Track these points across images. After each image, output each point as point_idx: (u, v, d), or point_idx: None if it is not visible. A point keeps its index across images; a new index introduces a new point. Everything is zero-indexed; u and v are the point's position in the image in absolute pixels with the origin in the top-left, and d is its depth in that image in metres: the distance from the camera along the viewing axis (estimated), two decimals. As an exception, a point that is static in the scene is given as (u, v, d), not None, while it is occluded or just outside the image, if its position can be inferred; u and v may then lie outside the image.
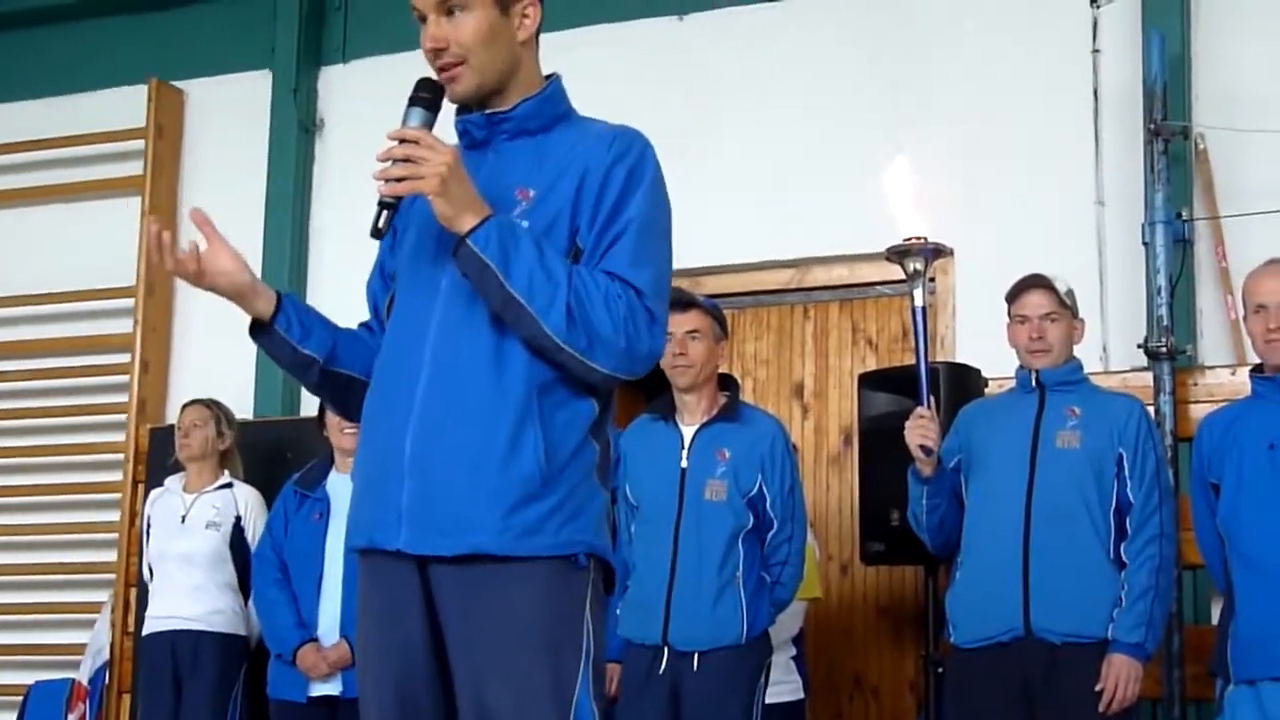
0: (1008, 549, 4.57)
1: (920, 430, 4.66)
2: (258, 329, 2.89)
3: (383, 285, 3.00)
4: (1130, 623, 4.46)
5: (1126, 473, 4.57)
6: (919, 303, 4.61)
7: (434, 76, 2.80)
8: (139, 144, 7.69)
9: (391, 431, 2.74)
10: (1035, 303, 4.74)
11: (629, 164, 2.77)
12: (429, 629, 2.74)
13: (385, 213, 2.69)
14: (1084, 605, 4.50)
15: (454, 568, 2.68)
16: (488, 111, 2.84)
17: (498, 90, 2.82)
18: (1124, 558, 4.53)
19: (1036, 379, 4.73)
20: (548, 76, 2.90)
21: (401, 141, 2.66)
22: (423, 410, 2.71)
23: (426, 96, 2.75)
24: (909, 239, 4.57)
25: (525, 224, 2.71)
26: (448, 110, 2.84)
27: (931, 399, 4.70)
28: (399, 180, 2.65)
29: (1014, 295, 4.79)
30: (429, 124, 2.73)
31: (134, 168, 7.71)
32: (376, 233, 2.71)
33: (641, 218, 2.76)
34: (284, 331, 2.88)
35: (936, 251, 4.62)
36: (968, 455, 4.77)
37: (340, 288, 7.19)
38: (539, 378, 2.70)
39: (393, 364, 2.81)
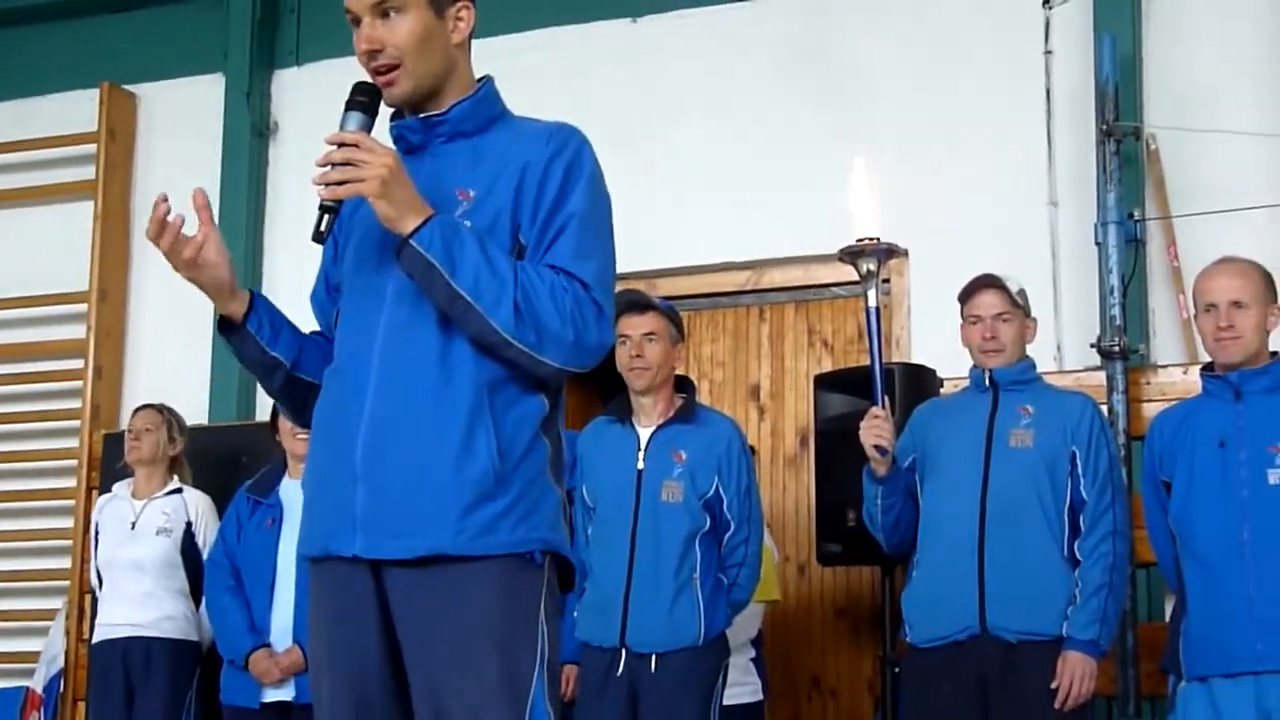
0: (963, 548, 4.58)
1: (875, 430, 4.67)
2: (228, 327, 2.89)
3: (329, 298, 3.00)
4: (1084, 620, 4.48)
5: (1080, 470, 4.59)
6: (872, 303, 4.62)
7: (369, 80, 2.81)
8: (91, 148, 7.65)
9: (342, 438, 2.74)
10: (988, 303, 4.76)
11: (566, 159, 2.78)
12: (383, 633, 2.73)
13: (326, 217, 2.70)
14: (1039, 603, 4.52)
15: (409, 570, 2.68)
16: (423, 115, 2.85)
17: (433, 93, 2.83)
18: (1078, 555, 4.55)
19: (990, 378, 4.75)
20: (480, 79, 2.90)
21: (340, 145, 2.67)
22: (373, 415, 2.71)
23: (364, 100, 2.75)
24: (862, 240, 4.58)
25: (468, 224, 2.71)
26: (385, 114, 2.84)
27: (886, 399, 4.71)
28: (339, 184, 2.66)
29: (966, 295, 4.81)
30: (367, 127, 2.73)
31: (86, 172, 7.67)
32: (318, 237, 2.72)
33: (582, 211, 2.77)
34: (254, 332, 2.88)
35: (889, 252, 4.63)
36: (922, 455, 4.79)
37: (295, 291, 7.10)
38: (488, 376, 2.70)
39: (341, 371, 2.81)
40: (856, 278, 4.72)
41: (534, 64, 6.63)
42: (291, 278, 7.17)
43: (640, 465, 4.82)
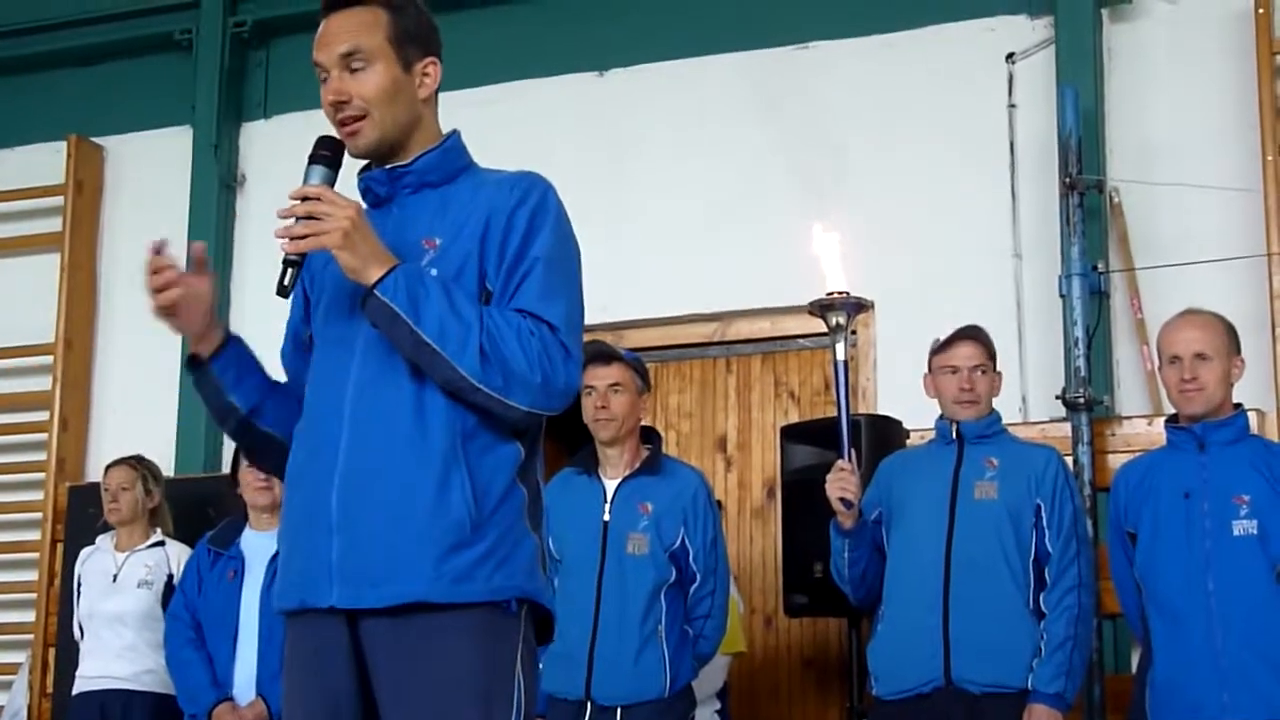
0: (928, 600, 4.59)
1: (840, 483, 4.68)
2: (195, 364, 2.91)
3: (297, 355, 3.01)
4: (1050, 673, 4.48)
5: (1045, 523, 4.61)
6: (841, 356, 4.64)
7: (334, 134, 2.83)
8: (58, 200, 7.64)
9: (317, 490, 2.74)
10: (966, 354, 4.78)
11: (531, 205, 2.80)
12: (357, 683, 2.72)
13: (290, 270, 2.72)
14: (1004, 655, 4.52)
15: (385, 620, 2.67)
16: (389, 166, 2.87)
17: (398, 145, 2.85)
18: (1043, 608, 4.56)
19: (956, 430, 4.77)
20: (448, 133, 2.93)
21: (304, 199, 2.69)
22: (347, 466, 2.71)
23: (326, 154, 2.78)
24: (831, 293, 4.60)
25: (434, 272, 2.73)
26: (349, 168, 2.85)
27: (852, 451, 4.73)
28: (302, 237, 2.68)
29: (944, 346, 4.82)
30: (330, 181, 2.76)
31: (53, 224, 7.66)
32: (282, 290, 2.74)
33: (547, 254, 2.78)
34: (217, 375, 2.90)
35: (858, 305, 4.65)
36: (888, 507, 4.80)
37: (262, 342, 7.09)
38: (461, 424, 2.70)
39: (313, 423, 2.81)
40: (823, 330, 4.74)
41: (501, 116, 6.66)
42: (259, 328, 7.08)
43: (606, 517, 4.82)
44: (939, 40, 6.45)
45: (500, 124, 6.50)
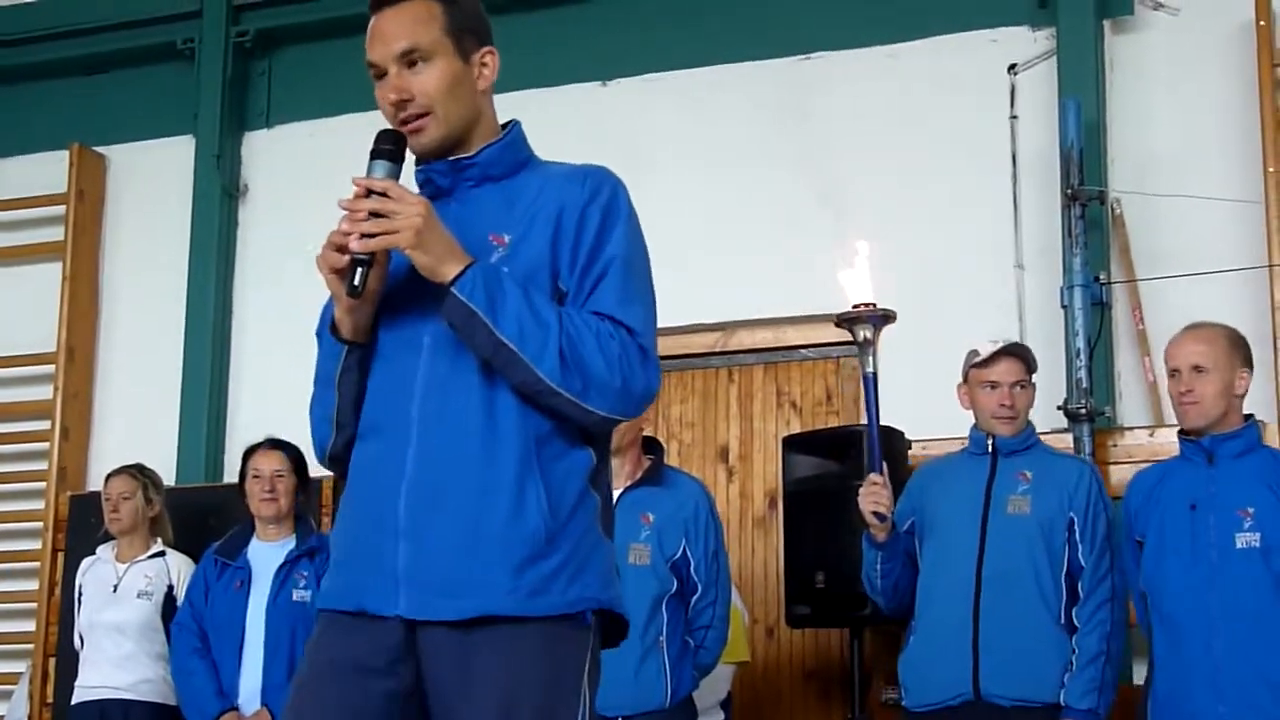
0: (958, 613, 4.60)
1: (873, 497, 4.69)
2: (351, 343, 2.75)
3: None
4: (1082, 688, 4.48)
5: (1077, 537, 4.62)
6: (869, 369, 4.63)
7: (392, 128, 2.73)
8: (60, 209, 7.65)
9: (382, 493, 2.64)
10: (1008, 370, 4.79)
11: (603, 202, 2.74)
12: (402, 691, 2.61)
13: (360, 270, 2.60)
14: (1033, 670, 4.53)
15: (452, 631, 2.58)
16: (451, 159, 2.77)
17: (461, 140, 2.76)
18: (1075, 621, 4.57)
19: (992, 444, 4.77)
20: (507, 123, 2.84)
21: (369, 193, 2.60)
22: (416, 470, 2.62)
23: (389, 148, 2.68)
24: (857, 305, 4.59)
25: (505, 270, 2.64)
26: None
27: (884, 465, 4.72)
28: (372, 236, 2.57)
29: (986, 362, 4.81)
30: (394, 176, 2.66)
31: (55, 233, 7.67)
32: (354, 291, 2.61)
33: (624, 255, 2.72)
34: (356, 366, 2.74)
35: (884, 318, 4.64)
36: (920, 518, 4.80)
37: (263, 351, 7.16)
38: (535, 429, 2.62)
39: (379, 425, 2.71)
40: (824, 340, 4.73)
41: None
42: (260, 337, 7.18)
43: (608, 527, 4.81)
44: (941, 51, 6.46)
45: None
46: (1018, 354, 4.83)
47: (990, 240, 6.21)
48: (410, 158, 2.77)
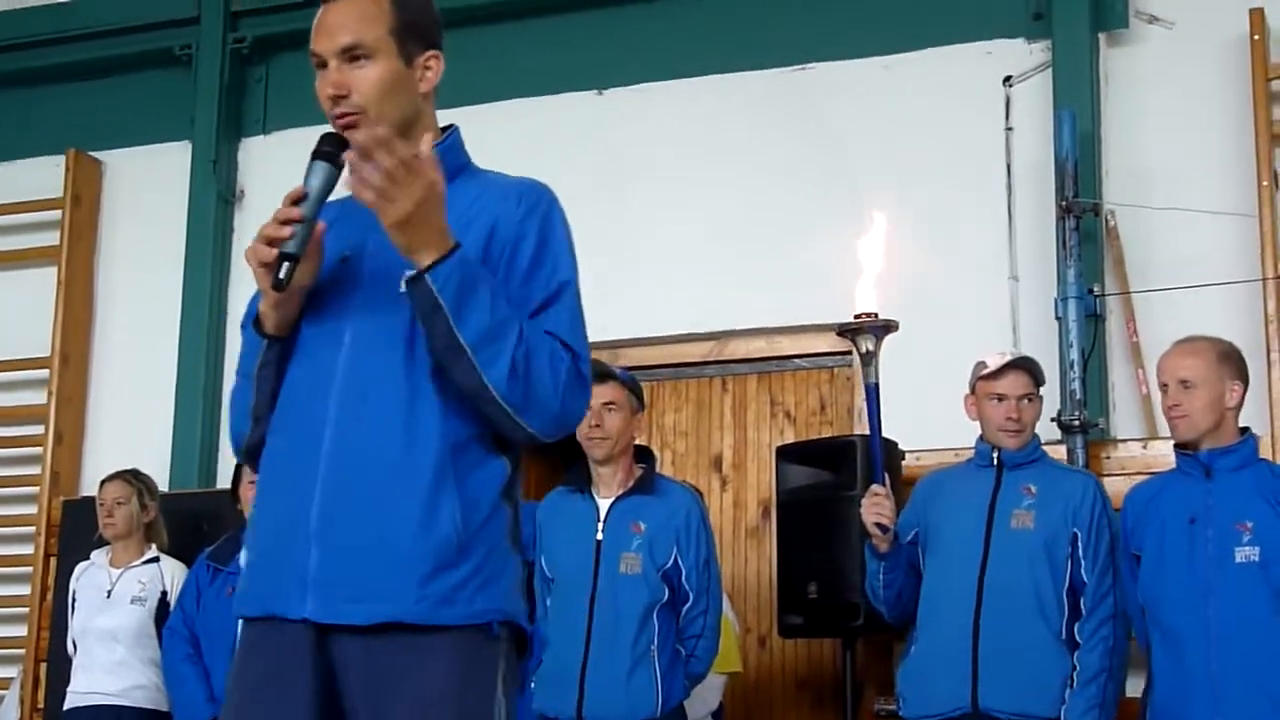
0: (958, 626, 4.60)
1: (876, 508, 4.69)
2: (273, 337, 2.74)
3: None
4: (1083, 705, 4.49)
5: (1080, 553, 4.62)
6: (872, 380, 4.64)
7: (335, 132, 2.70)
8: (56, 214, 7.65)
9: (294, 494, 2.60)
10: (1015, 384, 4.79)
11: (541, 217, 2.71)
12: (319, 701, 2.58)
13: (287, 265, 2.58)
14: (1032, 684, 4.54)
15: (362, 637, 2.55)
16: None
17: None
18: (1077, 637, 4.57)
19: (997, 456, 4.77)
20: (446, 128, 2.82)
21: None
22: (329, 471, 2.58)
23: (329, 150, 2.65)
24: (859, 315, 4.59)
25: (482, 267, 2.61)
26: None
27: (886, 476, 4.73)
28: (377, 193, 2.50)
29: (995, 374, 4.82)
30: (333, 180, 2.64)
31: (50, 238, 7.67)
32: (278, 284, 2.58)
33: (573, 280, 2.70)
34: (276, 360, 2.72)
35: (885, 328, 4.64)
36: (924, 529, 4.81)
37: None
38: (454, 435, 2.59)
39: (293, 422, 2.67)
40: (818, 350, 4.74)
41: (500, 135, 6.66)
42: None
43: (599, 536, 4.81)
44: (937, 63, 6.47)
45: (498, 142, 6.49)
46: (1026, 367, 4.83)
47: (985, 252, 6.21)
48: None
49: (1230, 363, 4.56)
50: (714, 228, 6.62)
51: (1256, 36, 5.90)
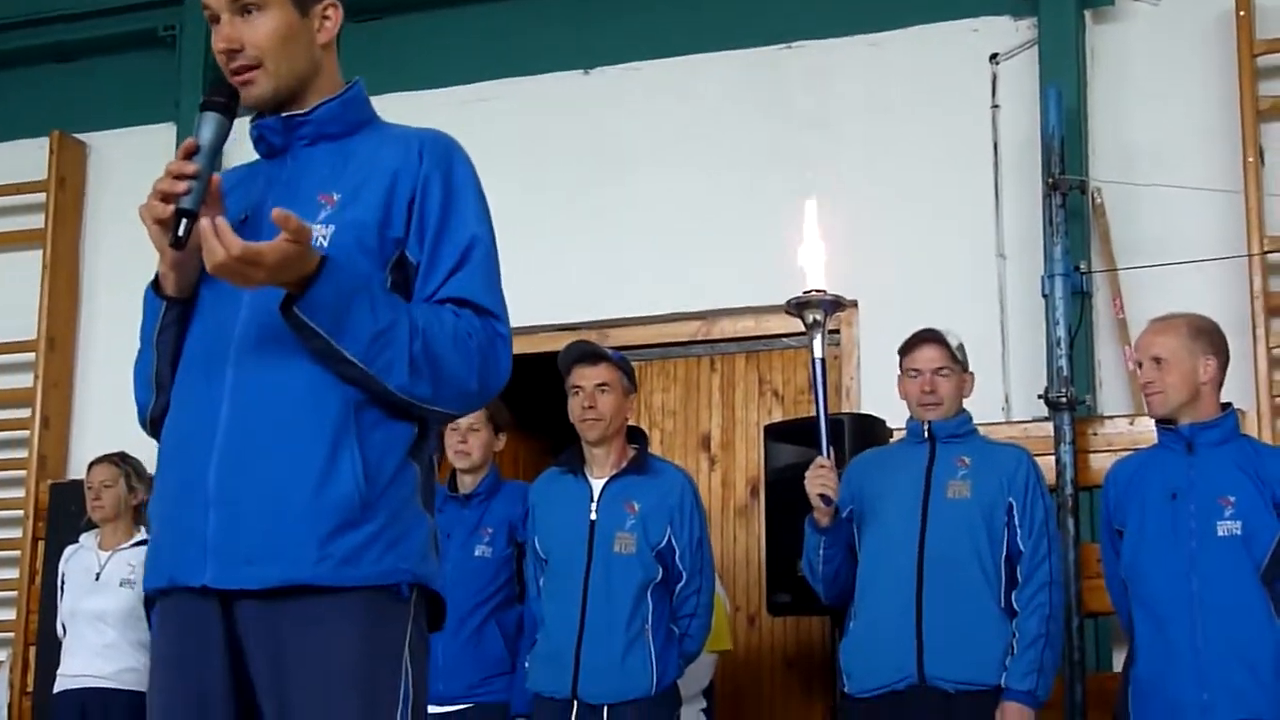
0: (901, 598, 4.61)
1: (820, 480, 4.68)
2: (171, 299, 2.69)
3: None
4: (1022, 670, 4.51)
5: (1016, 521, 4.64)
6: (818, 354, 4.64)
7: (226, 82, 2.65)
8: (40, 197, 7.62)
9: (192, 459, 2.53)
10: (927, 357, 4.81)
11: (445, 170, 2.64)
12: (231, 673, 2.51)
13: (185, 221, 2.49)
14: (976, 653, 4.55)
15: (263, 603, 2.47)
16: (285, 115, 2.68)
17: (295, 95, 2.67)
18: (1015, 606, 4.59)
19: (928, 430, 4.79)
20: (350, 82, 2.75)
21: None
22: (227, 434, 2.50)
23: (221, 100, 2.59)
24: (808, 291, 4.61)
25: (330, 228, 2.56)
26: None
27: (831, 449, 4.73)
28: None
29: (906, 349, 4.86)
30: (225, 130, 2.58)
31: (35, 220, 7.64)
32: (176, 242, 2.50)
33: (484, 235, 2.64)
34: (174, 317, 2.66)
35: (835, 304, 4.65)
36: (859, 505, 4.81)
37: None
38: (355, 394, 2.51)
39: (190, 385, 2.61)
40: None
41: (486, 115, 6.66)
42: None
43: (593, 516, 4.82)
44: (923, 40, 6.47)
45: (485, 122, 6.51)
46: (936, 339, 4.83)
47: (971, 229, 6.22)
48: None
49: (1204, 337, 4.57)
50: (701, 207, 6.62)
51: (1242, 12, 5.90)
